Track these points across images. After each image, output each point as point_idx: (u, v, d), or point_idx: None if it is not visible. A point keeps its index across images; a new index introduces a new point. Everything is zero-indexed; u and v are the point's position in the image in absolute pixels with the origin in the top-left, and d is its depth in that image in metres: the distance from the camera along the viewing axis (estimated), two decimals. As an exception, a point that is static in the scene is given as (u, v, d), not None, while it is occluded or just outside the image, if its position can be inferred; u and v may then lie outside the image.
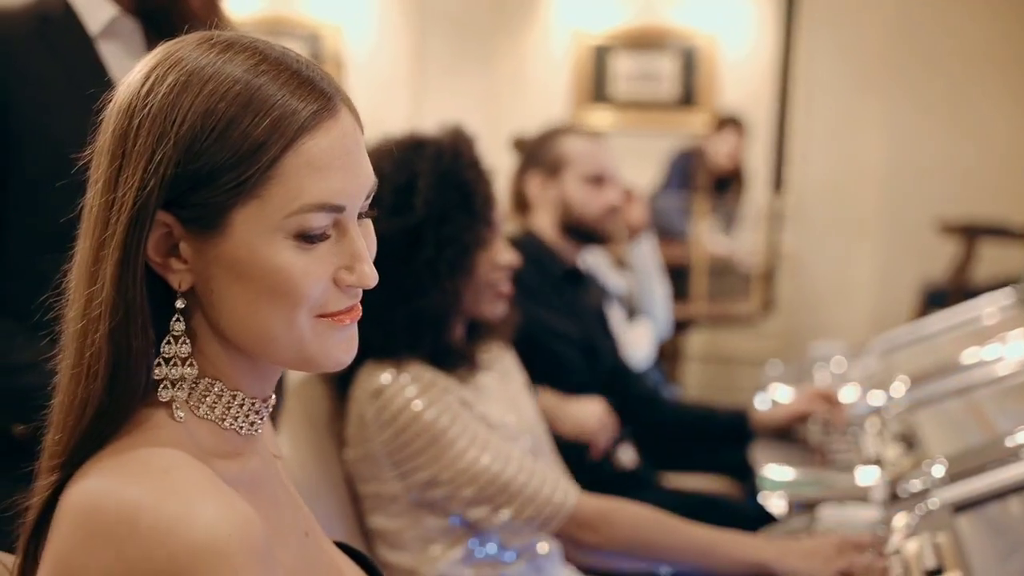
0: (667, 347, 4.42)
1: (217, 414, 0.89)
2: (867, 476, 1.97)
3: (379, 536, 1.70)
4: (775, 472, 2.10)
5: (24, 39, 1.53)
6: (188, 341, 0.87)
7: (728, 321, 5.17)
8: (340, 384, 1.73)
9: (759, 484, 2.08)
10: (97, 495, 0.80)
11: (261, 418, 0.93)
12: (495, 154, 2.01)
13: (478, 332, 1.81)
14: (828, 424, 2.33)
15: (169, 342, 0.87)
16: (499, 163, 2.00)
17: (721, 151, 5.45)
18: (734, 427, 2.44)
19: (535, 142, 2.72)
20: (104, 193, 0.85)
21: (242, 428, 0.91)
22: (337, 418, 1.75)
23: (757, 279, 5.29)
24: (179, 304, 0.87)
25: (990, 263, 4.91)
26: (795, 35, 5.73)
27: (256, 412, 0.92)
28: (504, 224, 1.88)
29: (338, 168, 0.86)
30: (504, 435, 1.70)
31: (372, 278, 0.89)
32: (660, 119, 6.09)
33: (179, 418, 0.87)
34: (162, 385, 0.87)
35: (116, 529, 0.78)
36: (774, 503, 1.98)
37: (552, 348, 2.44)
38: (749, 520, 2.00)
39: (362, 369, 1.67)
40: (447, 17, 6.20)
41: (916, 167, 5.71)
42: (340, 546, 1.07)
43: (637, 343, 3.25)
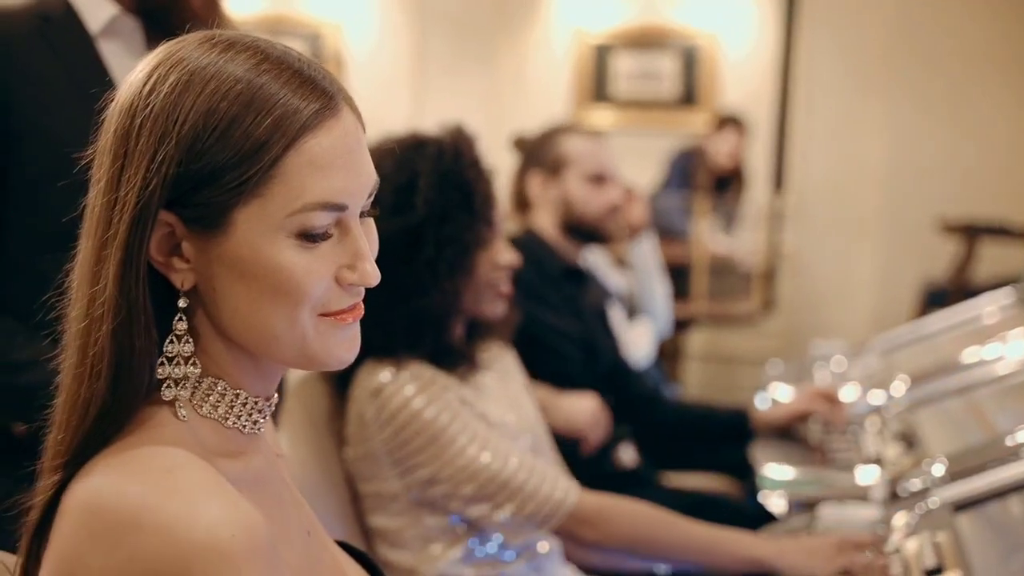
0: (667, 346, 4.42)
1: (220, 413, 0.90)
2: (867, 475, 1.97)
3: (379, 535, 1.70)
4: (775, 471, 2.10)
5: (25, 38, 1.53)
6: (191, 340, 0.88)
7: (728, 320, 5.16)
8: (340, 383, 1.73)
9: (759, 483, 2.08)
10: (100, 494, 0.81)
11: (264, 417, 0.93)
12: (496, 153, 2.01)
13: (478, 331, 1.81)
14: (828, 423, 2.33)
15: (172, 341, 0.87)
16: (500, 162, 2.00)
17: (722, 150, 5.45)
18: (734, 426, 2.44)
19: (536, 141, 2.72)
20: (106, 193, 0.85)
21: (245, 427, 0.91)
22: (337, 417, 1.74)
23: (757, 278, 5.29)
24: (182, 303, 0.87)
25: (990, 263, 4.90)
26: (796, 35, 5.73)
27: (259, 411, 0.92)
28: (505, 223, 1.88)
29: (340, 167, 0.86)
30: (504, 434, 1.70)
31: (374, 276, 0.89)
32: (661, 118, 6.08)
33: (182, 417, 0.87)
34: (165, 384, 0.87)
35: (119, 529, 0.78)
36: (774, 502, 1.98)
37: (553, 347, 2.44)
38: (749, 519, 2.01)
39: (362, 368, 1.67)
40: (448, 16, 6.20)
41: (916, 167, 5.71)
42: (341, 545, 1.07)
43: (637, 342, 3.25)
